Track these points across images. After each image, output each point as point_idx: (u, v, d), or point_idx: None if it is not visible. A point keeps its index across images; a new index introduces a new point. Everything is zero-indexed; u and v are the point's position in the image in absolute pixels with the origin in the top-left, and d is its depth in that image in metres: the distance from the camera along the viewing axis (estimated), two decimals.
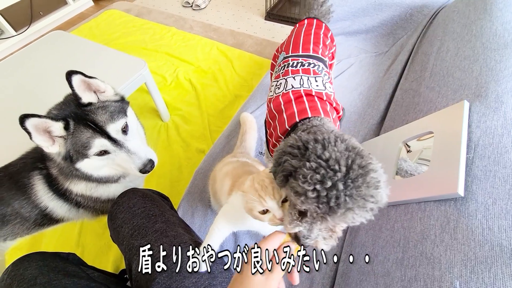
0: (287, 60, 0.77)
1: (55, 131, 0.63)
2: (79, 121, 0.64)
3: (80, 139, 0.64)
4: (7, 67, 1.35)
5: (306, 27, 0.85)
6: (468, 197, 0.49)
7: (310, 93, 0.66)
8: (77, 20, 2.49)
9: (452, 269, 0.44)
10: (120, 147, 0.68)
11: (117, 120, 0.69)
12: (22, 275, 0.57)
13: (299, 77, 0.70)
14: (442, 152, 0.59)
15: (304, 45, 0.79)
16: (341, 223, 0.39)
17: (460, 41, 0.81)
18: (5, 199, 0.72)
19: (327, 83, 0.70)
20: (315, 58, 0.76)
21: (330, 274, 0.69)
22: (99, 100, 0.70)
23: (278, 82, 0.73)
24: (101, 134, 0.65)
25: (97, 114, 0.66)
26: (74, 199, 0.79)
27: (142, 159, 0.71)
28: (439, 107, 0.70)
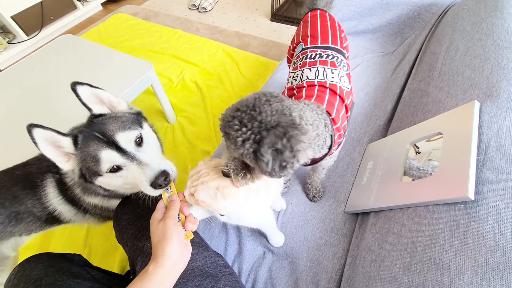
0: (305, 52, 0.76)
1: (66, 147, 0.59)
2: (89, 136, 0.59)
3: (88, 152, 0.58)
4: (19, 70, 1.38)
5: (321, 18, 0.84)
6: (478, 201, 0.47)
7: (324, 84, 0.65)
8: (86, 24, 2.54)
9: (462, 275, 0.43)
10: (132, 159, 0.59)
11: (129, 130, 0.61)
12: (28, 276, 0.58)
13: (315, 68, 0.69)
14: (451, 154, 0.57)
15: (322, 36, 0.78)
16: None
17: (470, 40, 0.78)
18: (19, 197, 0.73)
19: (342, 77, 0.69)
20: (334, 49, 0.75)
21: (335, 278, 0.68)
22: (115, 110, 0.66)
23: (295, 74, 0.73)
24: (108, 145, 0.58)
25: (106, 124, 0.60)
26: (83, 206, 0.78)
27: (154, 170, 0.58)
28: (448, 108, 0.68)
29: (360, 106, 1.03)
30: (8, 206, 0.72)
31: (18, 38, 2.16)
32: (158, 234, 0.49)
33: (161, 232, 0.49)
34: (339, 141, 0.67)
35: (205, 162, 0.57)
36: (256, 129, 0.42)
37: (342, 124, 0.64)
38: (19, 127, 1.11)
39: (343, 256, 0.71)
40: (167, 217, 0.50)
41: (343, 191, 0.82)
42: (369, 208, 0.69)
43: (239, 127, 0.43)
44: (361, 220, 0.74)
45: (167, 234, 0.48)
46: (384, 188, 0.69)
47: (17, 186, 0.74)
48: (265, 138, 0.41)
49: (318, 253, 0.73)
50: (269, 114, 0.43)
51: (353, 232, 0.74)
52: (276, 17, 2.25)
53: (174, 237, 0.48)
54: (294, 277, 0.70)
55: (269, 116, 0.43)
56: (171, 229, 0.48)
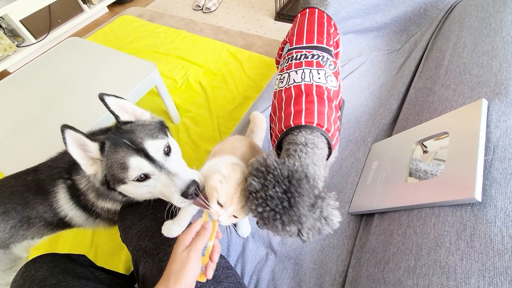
0: (291, 53, 0.76)
1: (91, 152, 0.59)
2: (117, 142, 0.58)
3: (115, 158, 0.57)
4: (28, 73, 1.41)
5: (309, 17, 0.84)
6: (486, 202, 0.46)
7: (311, 87, 0.65)
8: (92, 27, 2.57)
9: (468, 279, 0.41)
10: (160, 168, 0.58)
11: (157, 138, 0.60)
12: (33, 276, 0.58)
13: (301, 70, 0.69)
14: (458, 154, 0.55)
15: (308, 36, 0.78)
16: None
17: (478, 36, 0.76)
18: (31, 202, 0.75)
19: (329, 76, 0.69)
20: (319, 48, 0.74)
21: (339, 281, 0.67)
22: (139, 119, 0.65)
23: (281, 76, 0.73)
24: (137, 152, 0.57)
25: (135, 132, 0.59)
26: (95, 211, 0.78)
27: (184, 180, 0.57)
28: (455, 106, 0.67)
29: (365, 105, 1.02)
30: (20, 211, 0.74)
31: (27, 41, 2.20)
32: (178, 264, 0.46)
33: (180, 265, 0.46)
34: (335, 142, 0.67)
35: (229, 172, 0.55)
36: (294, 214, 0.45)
37: (335, 126, 0.65)
38: (28, 129, 1.14)
39: (347, 258, 0.70)
40: (193, 248, 0.47)
41: (347, 192, 0.81)
42: (374, 209, 0.68)
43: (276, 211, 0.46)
44: (365, 221, 0.73)
45: (185, 270, 0.45)
46: (389, 188, 0.68)
47: (29, 191, 0.75)
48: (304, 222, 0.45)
49: (322, 254, 0.72)
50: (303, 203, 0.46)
51: (357, 233, 0.73)
52: (280, 16, 2.24)
53: (190, 274, 0.46)
54: (297, 279, 0.70)
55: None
56: (190, 266, 0.46)
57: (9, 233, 0.74)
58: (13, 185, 0.76)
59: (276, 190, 0.46)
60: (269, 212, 0.46)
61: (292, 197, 0.46)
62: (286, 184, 0.47)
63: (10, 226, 0.73)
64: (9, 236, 0.74)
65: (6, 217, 0.73)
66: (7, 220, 0.73)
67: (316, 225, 0.46)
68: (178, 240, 0.50)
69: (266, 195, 0.47)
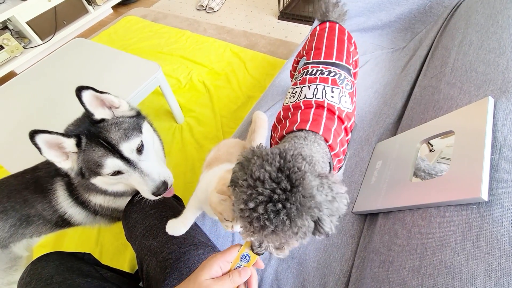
0: (306, 67, 0.73)
1: (67, 147, 0.62)
2: (92, 139, 0.62)
3: (92, 157, 0.61)
4: (35, 73, 1.43)
5: (329, 32, 0.80)
6: (492, 202, 0.45)
7: (322, 104, 0.61)
8: (97, 28, 2.60)
9: (474, 280, 0.41)
10: (134, 167, 0.64)
11: (131, 139, 0.64)
12: (40, 274, 0.59)
13: (314, 86, 0.65)
14: (464, 153, 0.55)
15: (326, 51, 0.74)
16: (276, 242, 0.41)
17: (485, 33, 0.75)
18: (29, 201, 0.76)
19: (343, 96, 0.65)
20: (337, 66, 0.71)
21: (343, 281, 0.67)
22: (114, 116, 0.67)
23: (294, 90, 0.70)
24: (113, 153, 0.62)
25: (110, 132, 0.63)
26: (92, 207, 0.80)
27: (155, 181, 0.65)
28: (460, 105, 0.66)
29: (369, 104, 1.01)
30: (19, 209, 0.75)
31: (33, 42, 2.23)
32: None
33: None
34: (338, 165, 0.63)
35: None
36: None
37: (341, 148, 0.60)
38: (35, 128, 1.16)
39: (351, 258, 0.69)
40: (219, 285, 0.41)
41: (351, 191, 0.80)
42: (378, 208, 0.68)
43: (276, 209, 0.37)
44: (370, 221, 0.72)
45: None
46: (393, 188, 0.67)
47: (27, 189, 0.76)
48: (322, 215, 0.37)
49: (326, 254, 0.71)
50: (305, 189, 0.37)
51: (361, 233, 0.72)
52: (283, 15, 2.24)
53: None
54: (301, 278, 0.69)
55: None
56: None
57: (8, 232, 0.75)
58: (11, 184, 0.77)
59: (267, 169, 0.38)
60: (265, 205, 0.36)
61: (292, 173, 0.37)
62: (280, 161, 0.39)
63: (9, 225, 0.74)
64: (9, 235, 0.75)
65: (5, 216, 0.73)
66: (6, 219, 0.74)
67: (334, 208, 0.38)
68: (206, 264, 0.43)
69: (255, 180, 0.38)
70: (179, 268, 0.60)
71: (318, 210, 0.37)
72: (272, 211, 0.36)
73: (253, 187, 0.37)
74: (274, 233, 0.37)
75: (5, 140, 1.14)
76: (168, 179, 0.69)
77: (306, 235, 0.38)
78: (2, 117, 1.24)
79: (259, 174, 0.38)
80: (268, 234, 0.37)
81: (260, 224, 0.37)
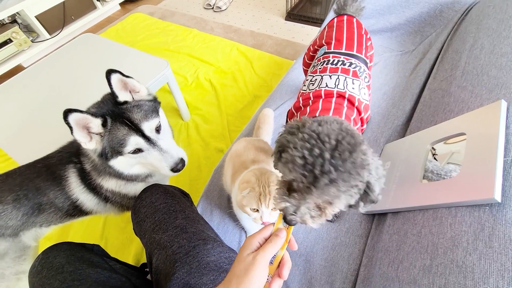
0: (327, 56, 0.73)
1: (93, 128, 0.65)
2: (116, 119, 0.66)
3: (117, 136, 0.66)
4: (43, 67, 1.44)
5: (348, 24, 0.81)
6: (505, 203, 0.46)
7: (343, 95, 0.63)
8: (105, 24, 2.61)
9: (487, 279, 0.41)
10: (153, 145, 0.69)
11: (151, 119, 0.70)
12: (51, 263, 0.60)
13: (336, 76, 0.66)
14: (475, 155, 0.55)
15: (348, 42, 0.75)
16: (326, 197, 0.39)
17: (497, 38, 0.75)
18: (42, 188, 0.77)
19: (363, 89, 0.67)
20: (358, 58, 0.72)
21: (351, 279, 0.67)
22: (134, 99, 0.71)
23: (313, 78, 0.70)
24: (136, 131, 0.67)
25: (133, 112, 0.68)
26: (104, 194, 0.82)
27: (174, 157, 0.71)
28: (472, 107, 0.66)
29: (378, 106, 1.01)
30: (31, 198, 0.76)
31: (41, 37, 2.24)
32: (242, 267, 0.42)
33: (244, 268, 0.41)
34: None
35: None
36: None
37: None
38: (42, 122, 1.17)
39: (359, 257, 0.69)
40: (260, 253, 0.42)
41: None
42: (387, 208, 0.68)
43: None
44: (378, 220, 0.73)
45: (250, 275, 0.40)
46: (403, 189, 0.67)
47: (39, 178, 0.77)
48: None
49: (333, 253, 0.72)
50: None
51: (369, 232, 0.73)
52: (290, 16, 2.25)
53: (255, 280, 0.40)
54: (308, 276, 0.70)
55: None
56: (256, 271, 0.40)
57: (21, 220, 0.76)
58: (24, 173, 0.78)
59: (327, 127, 0.38)
60: (330, 152, 0.36)
61: (351, 135, 0.38)
62: (338, 124, 0.40)
63: (22, 213, 0.75)
64: (21, 224, 0.76)
65: (18, 204, 0.74)
66: (19, 207, 0.75)
67: (380, 173, 0.40)
68: (245, 243, 0.45)
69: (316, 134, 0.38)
70: (189, 262, 0.60)
71: (369, 173, 0.38)
72: (336, 159, 0.36)
73: (317, 138, 0.38)
74: (333, 184, 0.36)
75: (13, 132, 1.15)
76: (184, 156, 0.75)
77: (356, 194, 0.39)
78: (10, 110, 1.25)
79: (323, 129, 0.38)
80: (322, 187, 0.37)
81: (323, 171, 0.36)
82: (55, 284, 0.57)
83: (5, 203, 0.73)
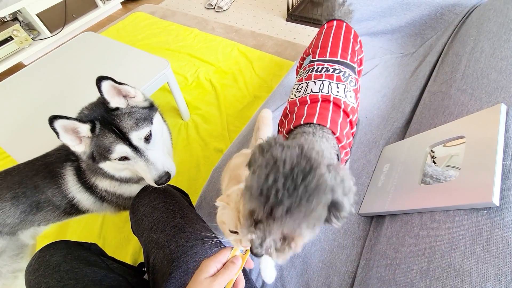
0: (312, 65, 0.74)
1: (82, 132, 0.65)
2: (105, 125, 0.65)
3: (104, 142, 0.65)
4: (43, 65, 1.44)
5: (335, 30, 0.82)
6: (504, 207, 0.46)
7: (328, 98, 0.63)
8: (106, 22, 2.61)
9: (484, 283, 0.41)
10: (140, 155, 0.68)
11: (141, 128, 0.68)
12: (48, 262, 0.60)
13: (320, 81, 0.67)
14: (474, 158, 0.55)
15: (332, 50, 0.76)
16: (286, 229, 0.38)
17: (497, 41, 0.75)
18: (40, 186, 0.76)
19: (348, 91, 0.67)
20: (342, 64, 0.72)
21: (348, 281, 0.67)
22: (128, 105, 0.70)
23: (299, 86, 0.72)
24: (123, 140, 0.66)
25: (122, 120, 0.66)
26: (99, 193, 0.82)
27: (158, 170, 0.69)
28: (471, 111, 0.66)
29: (377, 108, 1.01)
30: (29, 196, 0.75)
31: (42, 35, 2.24)
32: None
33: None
34: (345, 158, 0.64)
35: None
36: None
37: (347, 141, 0.62)
38: (42, 120, 1.16)
39: (356, 259, 0.69)
40: (217, 280, 0.44)
41: (358, 193, 0.80)
42: (385, 211, 0.68)
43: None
44: (376, 223, 0.73)
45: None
46: (401, 191, 0.67)
47: (38, 176, 0.77)
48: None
49: (331, 254, 0.72)
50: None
51: (367, 235, 0.73)
52: (292, 17, 2.25)
53: None
54: (306, 278, 0.70)
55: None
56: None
57: (18, 218, 0.75)
58: (22, 171, 0.78)
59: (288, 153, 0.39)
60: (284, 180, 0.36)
61: (309, 160, 0.38)
62: (299, 149, 0.40)
63: (20, 211, 0.75)
64: (19, 222, 0.76)
65: (16, 202, 0.74)
66: (17, 205, 0.74)
67: (346, 187, 0.39)
68: (202, 266, 0.47)
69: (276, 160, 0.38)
70: (186, 262, 0.60)
71: (332, 192, 0.37)
72: (289, 187, 0.36)
73: (273, 164, 0.38)
74: (288, 213, 0.36)
75: (12, 130, 1.14)
76: (171, 170, 0.72)
77: (319, 220, 0.38)
78: (9, 108, 1.24)
79: (281, 155, 0.38)
80: (279, 217, 0.36)
81: (277, 200, 0.35)
82: (51, 282, 0.57)
83: (3, 201, 0.73)
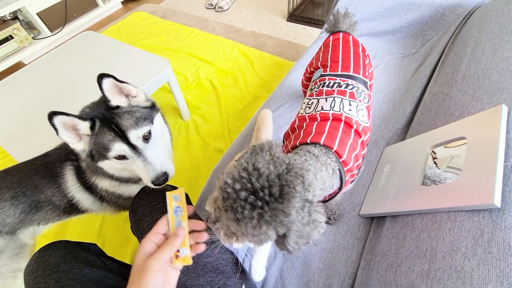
0: (323, 79, 0.71)
1: (81, 130, 0.65)
2: (105, 123, 0.65)
3: (102, 140, 0.65)
4: (43, 64, 1.44)
5: (343, 43, 0.79)
6: (505, 209, 0.45)
7: (339, 117, 0.60)
8: (106, 22, 2.61)
9: (485, 285, 0.41)
10: (139, 154, 0.68)
11: (141, 127, 0.68)
12: (47, 262, 0.59)
13: (332, 98, 0.64)
14: (476, 159, 0.55)
15: (343, 64, 0.73)
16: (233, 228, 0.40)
17: (498, 42, 0.75)
18: (40, 186, 0.76)
19: (361, 110, 0.64)
20: (355, 78, 0.69)
21: (348, 282, 0.67)
22: (129, 104, 0.70)
23: (310, 101, 0.69)
24: (121, 138, 0.66)
25: (122, 118, 0.66)
26: (99, 193, 0.82)
27: (156, 171, 0.68)
28: (472, 112, 0.66)
29: (378, 108, 1.01)
30: (29, 195, 0.75)
31: (43, 34, 2.24)
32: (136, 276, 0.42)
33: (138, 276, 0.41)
34: (350, 180, 0.62)
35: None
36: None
37: (355, 164, 0.59)
38: (42, 119, 1.16)
39: (357, 260, 0.69)
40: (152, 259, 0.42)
41: (358, 194, 0.80)
42: (386, 212, 0.68)
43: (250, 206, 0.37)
44: (376, 224, 0.72)
45: (142, 284, 0.40)
46: (402, 192, 0.67)
47: (37, 175, 0.77)
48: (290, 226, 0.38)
49: (331, 255, 0.71)
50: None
51: (367, 236, 0.72)
52: (292, 17, 2.25)
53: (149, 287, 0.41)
54: (306, 279, 0.69)
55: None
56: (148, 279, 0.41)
57: (18, 217, 0.75)
58: (22, 170, 0.78)
59: (270, 169, 0.39)
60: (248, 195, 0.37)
61: (286, 186, 0.38)
62: (284, 169, 0.40)
63: (19, 210, 0.75)
64: (18, 221, 0.76)
65: (16, 201, 0.74)
66: (17, 204, 0.74)
67: (305, 231, 0.39)
68: (138, 247, 0.44)
69: (254, 170, 0.39)
70: None
71: (287, 228, 0.38)
72: (250, 203, 0.37)
73: (248, 174, 0.38)
74: (237, 222, 0.37)
75: (12, 129, 1.14)
76: (169, 171, 0.71)
77: (261, 242, 0.39)
78: (9, 107, 1.24)
79: (260, 167, 0.39)
80: (230, 219, 0.38)
81: (233, 206, 0.37)
82: (50, 283, 0.56)
83: (3, 200, 0.73)
